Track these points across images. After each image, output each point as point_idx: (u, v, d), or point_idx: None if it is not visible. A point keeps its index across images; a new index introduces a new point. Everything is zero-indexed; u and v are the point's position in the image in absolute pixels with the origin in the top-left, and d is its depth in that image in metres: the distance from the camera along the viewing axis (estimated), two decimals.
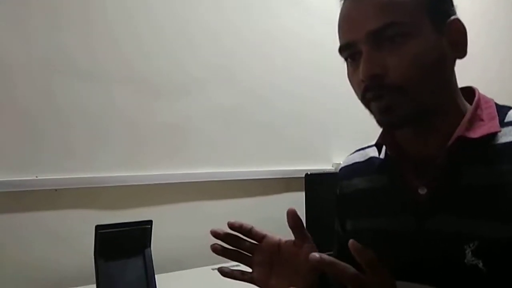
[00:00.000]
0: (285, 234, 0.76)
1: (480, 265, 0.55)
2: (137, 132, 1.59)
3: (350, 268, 0.53)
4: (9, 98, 1.39)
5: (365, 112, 0.66)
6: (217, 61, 1.76)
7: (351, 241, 0.56)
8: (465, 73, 0.77)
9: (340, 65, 0.67)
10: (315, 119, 2.00)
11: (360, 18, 0.61)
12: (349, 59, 0.65)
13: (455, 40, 0.62)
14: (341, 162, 0.87)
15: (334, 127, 2.05)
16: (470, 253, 0.56)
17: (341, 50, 0.65)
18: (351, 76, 0.65)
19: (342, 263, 0.54)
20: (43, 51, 1.44)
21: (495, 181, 0.57)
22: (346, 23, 0.63)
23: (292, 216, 0.68)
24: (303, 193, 1.76)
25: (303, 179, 1.75)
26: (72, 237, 1.45)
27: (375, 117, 0.64)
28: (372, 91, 0.61)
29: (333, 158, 2.04)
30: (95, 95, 1.52)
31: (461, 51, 0.63)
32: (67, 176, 1.45)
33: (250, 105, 1.84)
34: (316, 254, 0.53)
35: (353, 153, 0.84)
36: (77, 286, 1.39)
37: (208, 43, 1.74)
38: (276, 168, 1.88)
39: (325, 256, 0.54)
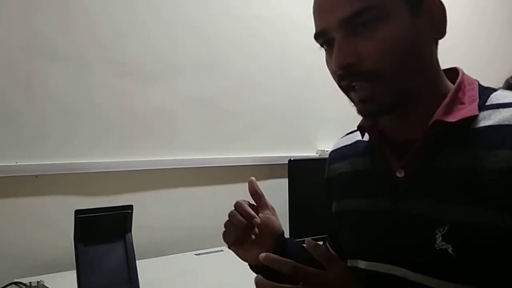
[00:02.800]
0: None
1: (450, 249, 0.55)
2: (118, 118, 1.58)
3: (289, 262, 0.60)
4: None
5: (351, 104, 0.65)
6: (201, 46, 1.75)
7: (307, 239, 0.62)
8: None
9: (322, 51, 0.67)
10: (300, 105, 2.00)
11: (331, 5, 0.59)
12: (324, 46, 0.64)
13: (433, 21, 0.60)
14: (325, 149, 0.88)
15: (319, 114, 2.05)
16: (440, 237, 0.56)
17: (316, 38, 0.64)
18: (328, 63, 0.65)
19: (282, 259, 0.61)
20: (20, 35, 1.41)
21: (470, 166, 0.56)
22: (318, 10, 0.62)
23: (251, 183, 0.80)
24: (286, 180, 1.76)
25: (286, 166, 1.76)
26: (53, 223, 1.44)
27: (355, 106, 0.63)
28: (346, 79, 0.60)
29: (317, 145, 2.04)
30: (75, 80, 1.50)
31: (440, 31, 0.61)
32: (48, 162, 1.44)
33: (235, 91, 1.83)
34: (262, 254, 0.62)
35: (343, 136, 0.84)
36: (58, 271, 1.39)
37: (188, 29, 1.72)
38: (260, 155, 1.88)
39: (269, 254, 0.62)
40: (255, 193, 0.81)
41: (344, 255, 0.75)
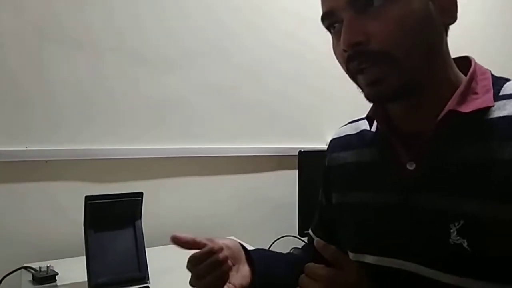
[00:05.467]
0: (276, 210, 0.78)
1: (465, 244, 0.54)
2: (129, 105, 1.57)
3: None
4: None
5: (359, 90, 0.64)
6: (212, 36, 1.73)
7: (316, 240, 0.61)
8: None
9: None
10: (309, 97, 1.98)
11: None
12: (331, 29, 0.62)
13: (444, 4, 0.58)
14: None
15: (328, 106, 2.03)
16: (455, 232, 0.55)
17: (323, 19, 0.62)
18: (335, 47, 0.63)
19: None
20: (35, 19, 1.40)
21: (484, 157, 0.54)
22: None
23: (176, 241, 0.70)
24: (296, 171, 1.75)
25: (296, 157, 1.75)
26: (63, 208, 1.44)
27: (362, 90, 0.61)
28: (355, 60, 0.58)
29: (326, 137, 2.03)
30: (88, 66, 1.49)
31: (451, 16, 0.59)
32: (58, 148, 1.43)
33: (245, 81, 1.81)
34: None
35: (345, 125, 0.83)
36: (67, 257, 1.39)
37: (203, 17, 1.71)
38: (269, 146, 1.87)
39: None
40: (187, 243, 0.69)
41: (338, 246, 0.72)
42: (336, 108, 2.04)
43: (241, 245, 0.75)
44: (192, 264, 0.68)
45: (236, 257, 0.72)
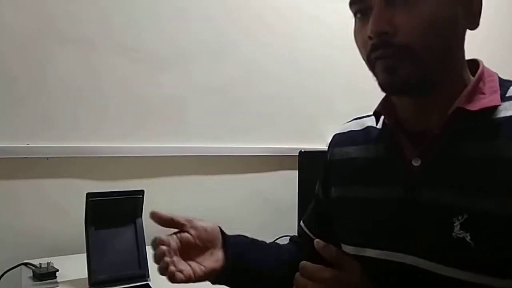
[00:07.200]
0: (277, 210, 0.78)
1: (468, 238, 0.55)
2: (129, 104, 1.57)
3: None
4: None
5: (361, 92, 0.64)
6: (213, 34, 1.73)
7: (316, 240, 0.61)
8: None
9: (337, 41, 0.65)
10: (311, 97, 1.98)
11: None
12: (358, 14, 0.63)
13: (470, 11, 0.60)
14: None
15: (330, 106, 2.03)
16: (458, 226, 0.56)
17: (352, 4, 0.63)
18: (357, 32, 0.63)
19: None
20: (32, 19, 1.41)
21: (489, 155, 0.56)
22: None
23: (154, 217, 0.70)
24: (296, 172, 1.75)
25: (297, 158, 1.75)
26: (63, 205, 1.45)
27: (378, 78, 0.62)
28: (379, 50, 0.59)
29: (327, 138, 2.01)
30: (87, 65, 1.49)
31: (474, 23, 0.61)
32: (59, 145, 1.44)
33: (247, 81, 1.82)
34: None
35: (350, 121, 0.83)
36: (66, 254, 1.39)
37: (202, 14, 1.71)
38: (270, 146, 1.87)
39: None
40: (165, 220, 0.71)
41: (329, 239, 0.70)
42: (335, 109, 2.04)
43: (221, 230, 0.76)
44: (155, 244, 0.69)
45: (212, 240, 0.73)
